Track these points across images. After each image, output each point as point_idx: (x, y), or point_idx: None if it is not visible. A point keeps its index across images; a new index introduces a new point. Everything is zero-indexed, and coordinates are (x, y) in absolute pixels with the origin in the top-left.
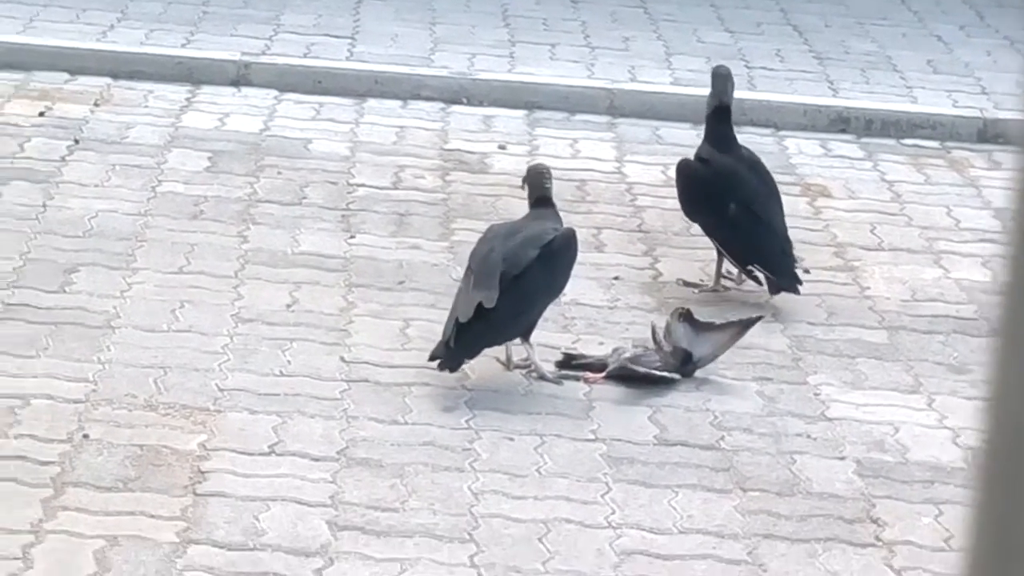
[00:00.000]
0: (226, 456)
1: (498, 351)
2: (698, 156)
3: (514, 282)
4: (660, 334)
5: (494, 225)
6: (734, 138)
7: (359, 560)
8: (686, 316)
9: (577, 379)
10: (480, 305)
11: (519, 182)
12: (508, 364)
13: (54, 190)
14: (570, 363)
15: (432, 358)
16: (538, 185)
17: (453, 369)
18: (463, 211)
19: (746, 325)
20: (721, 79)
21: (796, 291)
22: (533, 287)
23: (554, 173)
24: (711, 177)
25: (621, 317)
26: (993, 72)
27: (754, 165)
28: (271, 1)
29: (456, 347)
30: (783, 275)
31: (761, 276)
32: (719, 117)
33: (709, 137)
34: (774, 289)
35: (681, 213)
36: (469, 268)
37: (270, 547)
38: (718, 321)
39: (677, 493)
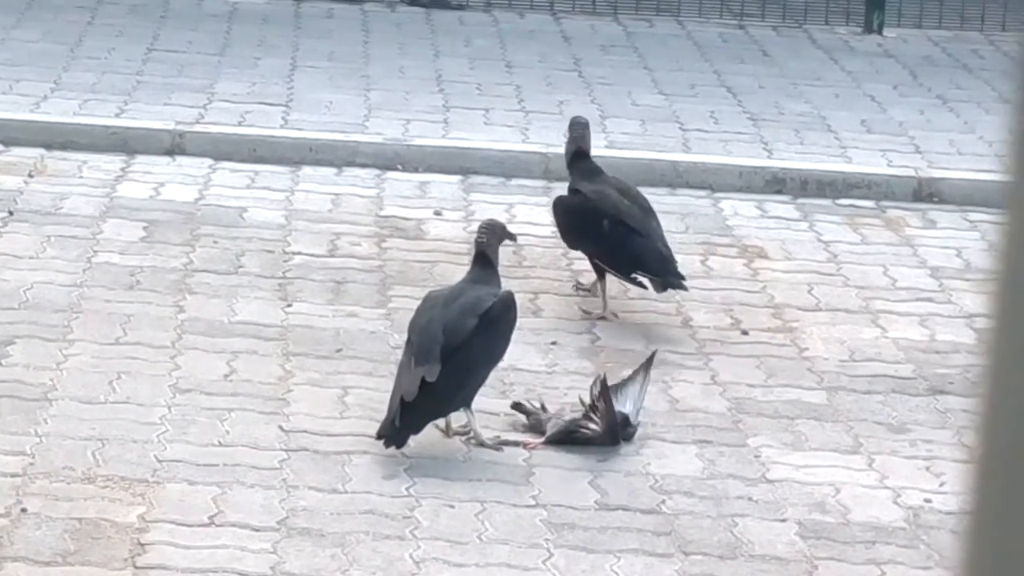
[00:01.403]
0: (166, 528)
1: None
2: (570, 189)
3: (455, 354)
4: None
5: (432, 292)
6: (600, 171)
7: None
8: (603, 383)
9: (517, 444)
10: (423, 380)
11: (456, 248)
12: (448, 431)
13: None
14: (521, 409)
15: (379, 436)
16: (476, 240)
17: (400, 446)
18: (400, 278)
19: (647, 365)
20: (580, 127)
21: (683, 287)
22: (474, 357)
23: None
24: (583, 202)
25: (560, 382)
26: (927, 131)
27: (625, 190)
28: (205, 69)
29: (402, 424)
30: (665, 274)
31: (645, 280)
32: (580, 157)
33: (576, 175)
34: (660, 288)
35: (619, 281)
36: (409, 340)
37: None
38: (623, 376)
39: (619, 558)
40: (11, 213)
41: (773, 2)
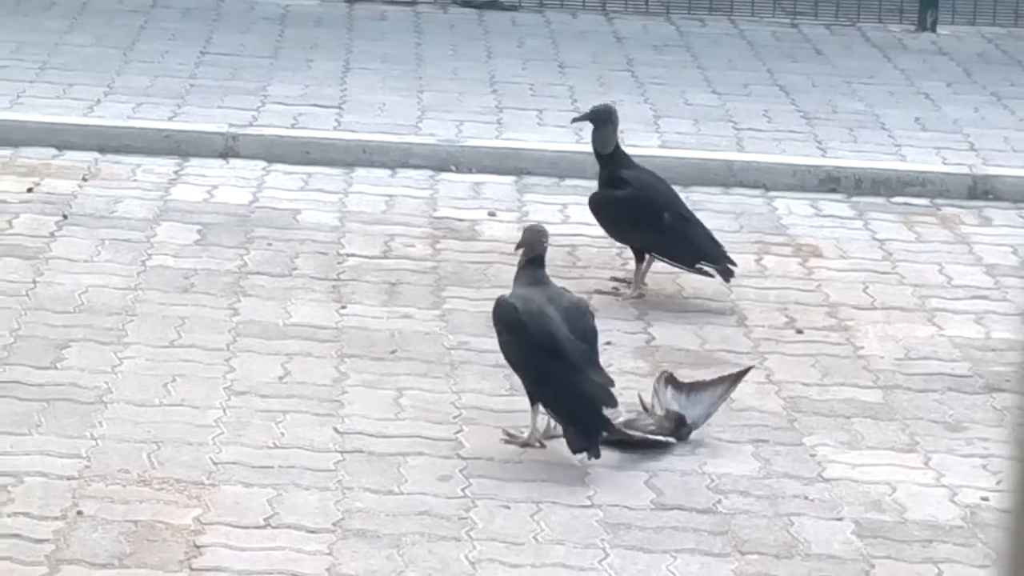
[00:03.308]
0: (221, 530)
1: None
2: (610, 182)
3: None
4: (650, 399)
5: (528, 299)
6: (629, 157)
7: None
8: (670, 380)
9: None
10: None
11: (510, 249)
12: (545, 436)
13: (43, 266)
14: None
15: (576, 451)
16: (537, 246)
17: (599, 455)
18: (454, 279)
19: (735, 379)
20: (611, 113)
21: (734, 267)
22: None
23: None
24: (637, 195)
25: (616, 382)
26: (981, 128)
27: (660, 178)
28: (258, 72)
29: (603, 432)
30: (724, 260)
31: (710, 269)
32: (616, 147)
33: (610, 165)
34: (727, 276)
35: (674, 280)
36: (561, 351)
37: None
38: (707, 379)
39: (675, 558)
40: (66, 217)
41: (826, 0)
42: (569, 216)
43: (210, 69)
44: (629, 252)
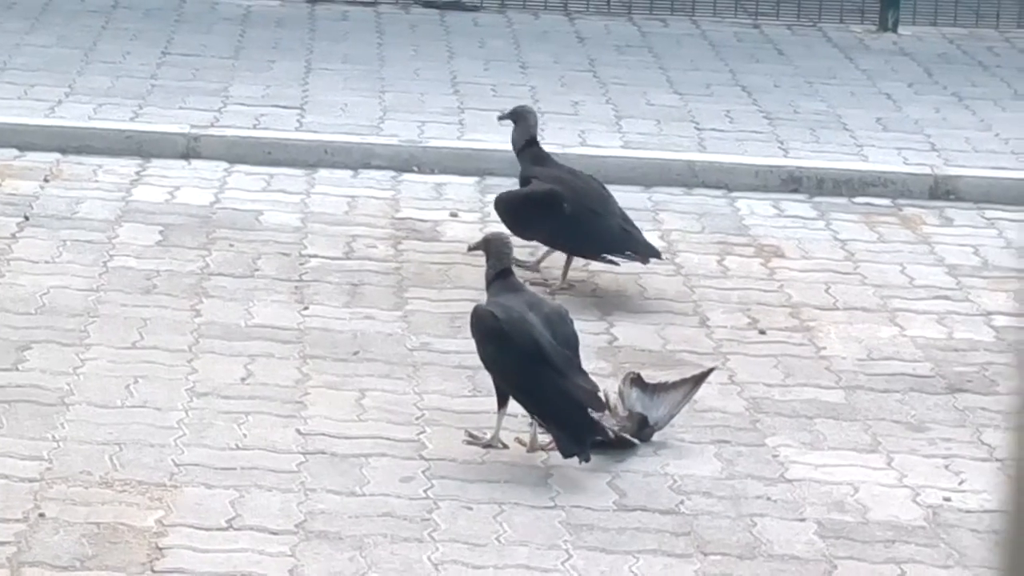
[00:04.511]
0: (184, 532)
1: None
2: (522, 181)
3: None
4: (613, 400)
5: (509, 308)
6: (550, 157)
7: None
8: (636, 381)
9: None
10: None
11: (469, 247)
12: (531, 445)
13: (5, 267)
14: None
15: (569, 455)
16: (504, 256)
17: (588, 459)
18: (416, 280)
19: (698, 380)
20: (529, 114)
21: (658, 255)
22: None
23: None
24: (534, 192)
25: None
26: (942, 129)
27: (577, 174)
28: (220, 73)
29: (594, 435)
30: (637, 248)
31: (617, 259)
32: (531, 144)
33: (528, 163)
34: (643, 260)
35: (636, 282)
36: (546, 357)
37: None
38: (670, 380)
39: (638, 559)
40: (27, 218)
41: (788, 1)
42: None
43: (171, 70)
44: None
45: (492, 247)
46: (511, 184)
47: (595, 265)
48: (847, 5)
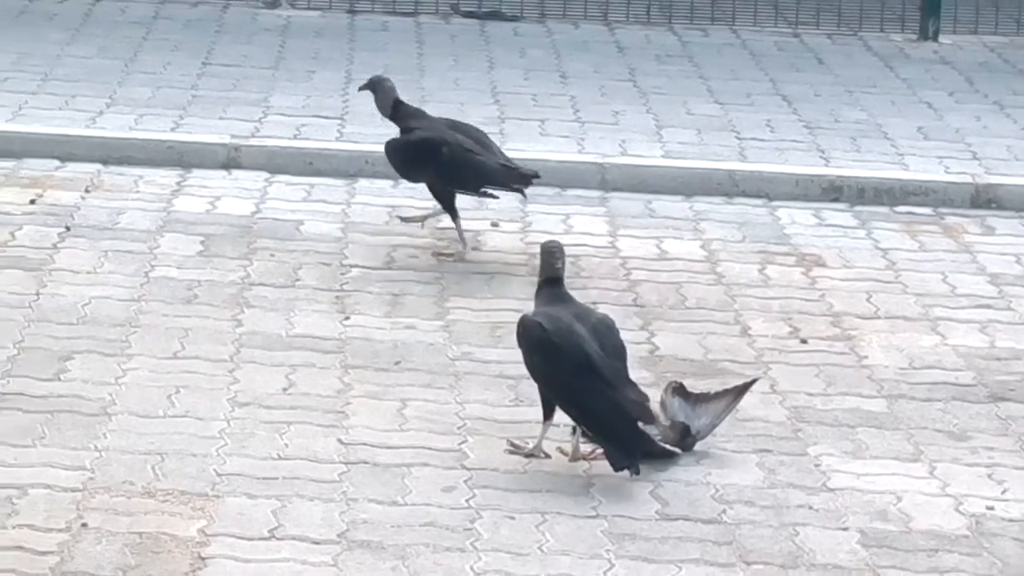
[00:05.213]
0: (226, 541)
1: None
2: (403, 131)
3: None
4: (656, 409)
5: (557, 318)
6: (421, 111)
7: None
8: (678, 390)
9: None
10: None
11: (513, 259)
12: (572, 455)
13: (47, 278)
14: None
15: (619, 468)
16: (552, 265)
17: (639, 471)
18: (457, 290)
19: (741, 391)
20: (387, 81)
21: (536, 175)
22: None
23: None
24: (414, 137)
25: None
26: (984, 137)
27: (456, 124)
28: (260, 83)
29: (643, 447)
30: (513, 177)
31: (496, 192)
32: (399, 105)
33: (404, 119)
34: (520, 188)
35: (678, 291)
36: (595, 368)
37: None
38: (712, 390)
39: (680, 568)
40: (68, 228)
41: (828, 10)
42: (572, 226)
43: (212, 80)
44: (632, 263)
45: (541, 257)
46: (552, 194)
47: (635, 274)
48: (887, 14)
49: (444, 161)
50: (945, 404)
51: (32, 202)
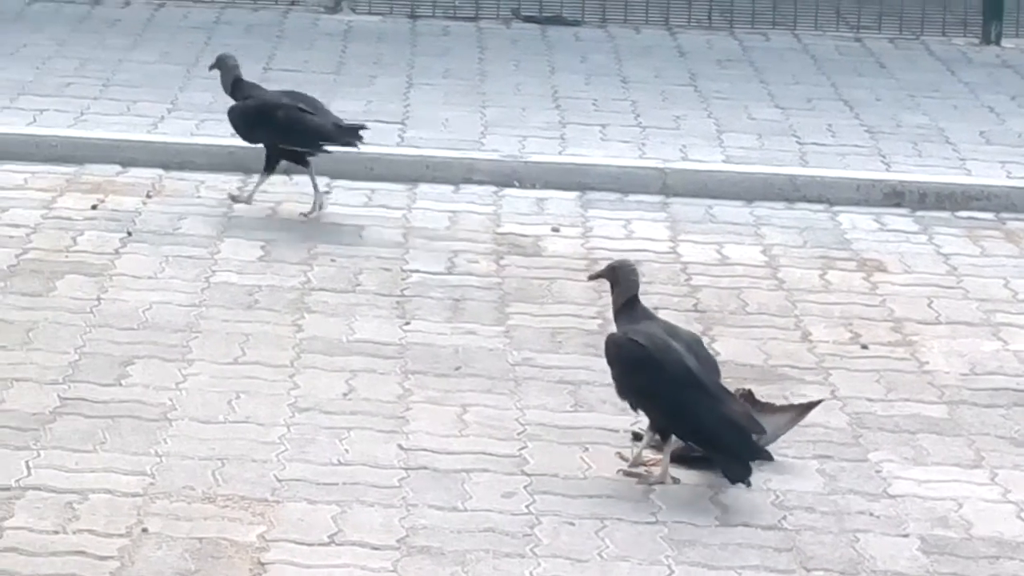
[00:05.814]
0: (286, 547)
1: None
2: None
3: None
4: None
5: (652, 335)
6: (259, 86)
7: None
8: (747, 397)
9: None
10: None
11: (574, 264)
12: (633, 461)
13: (108, 283)
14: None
15: (736, 481)
16: (632, 283)
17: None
18: (518, 295)
19: (806, 408)
20: (231, 59)
21: (364, 127)
22: None
23: (608, 255)
24: (251, 102)
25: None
26: None
27: (291, 91)
28: (321, 88)
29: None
30: (345, 132)
31: (331, 148)
32: (240, 81)
33: (241, 93)
34: (352, 142)
35: (738, 296)
36: (700, 383)
37: None
38: (778, 403)
39: (740, 574)
40: (129, 234)
41: (890, 14)
42: (633, 231)
43: (273, 85)
44: (693, 268)
45: (620, 275)
46: (613, 199)
47: (696, 279)
48: (949, 18)
49: (280, 121)
50: (1007, 410)
51: (94, 207)
